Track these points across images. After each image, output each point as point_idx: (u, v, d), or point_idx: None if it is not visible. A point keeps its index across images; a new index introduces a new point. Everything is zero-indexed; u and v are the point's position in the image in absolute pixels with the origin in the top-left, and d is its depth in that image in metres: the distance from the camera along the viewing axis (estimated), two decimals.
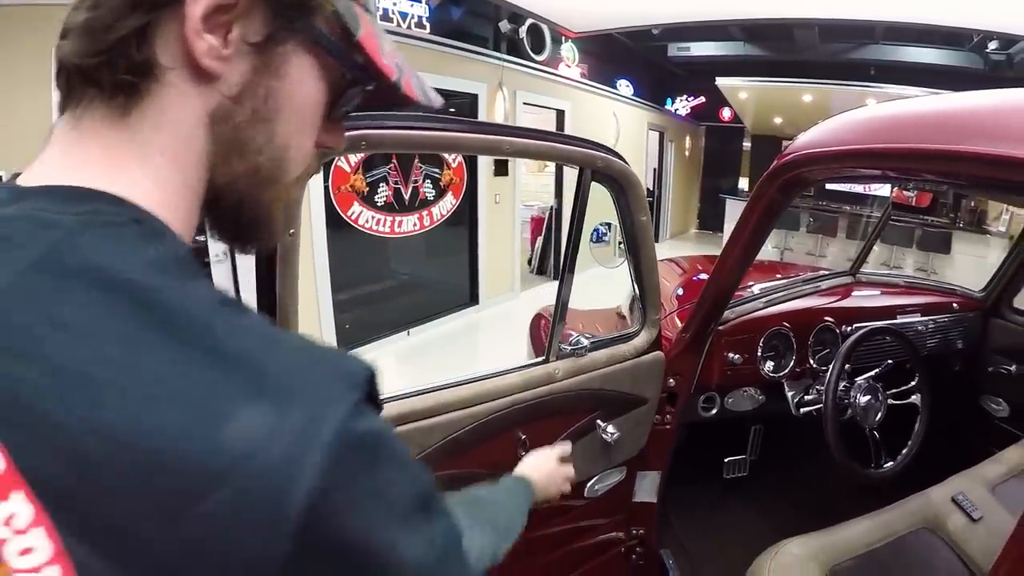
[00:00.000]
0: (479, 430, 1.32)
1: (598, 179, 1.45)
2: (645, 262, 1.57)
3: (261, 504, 0.30)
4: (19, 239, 0.33)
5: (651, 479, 1.81)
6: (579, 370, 1.49)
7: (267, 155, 0.44)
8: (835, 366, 1.73)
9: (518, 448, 1.40)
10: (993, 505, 1.68)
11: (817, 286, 2.29)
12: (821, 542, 1.49)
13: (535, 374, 1.43)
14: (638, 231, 1.53)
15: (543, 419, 1.44)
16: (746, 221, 1.48)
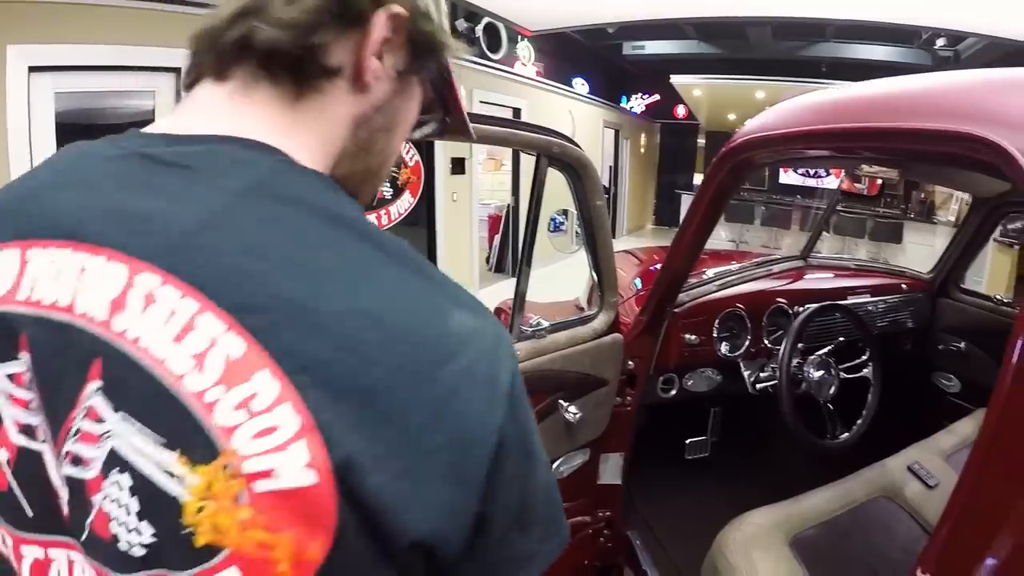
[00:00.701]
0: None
1: (555, 165, 1.46)
2: (602, 246, 1.58)
3: (483, 374, 0.39)
4: (220, 170, 0.40)
5: (615, 461, 1.81)
6: (540, 351, 1.48)
7: (380, 158, 0.53)
8: (787, 341, 1.76)
9: None
10: (948, 473, 1.72)
11: (769, 270, 2.33)
12: (783, 512, 1.50)
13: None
14: (594, 216, 1.54)
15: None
16: (697, 205, 1.51)
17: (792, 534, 1.45)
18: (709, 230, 1.57)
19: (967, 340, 2.35)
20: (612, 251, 1.61)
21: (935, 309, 2.50)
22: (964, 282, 2.53)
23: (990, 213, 2.32)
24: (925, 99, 0.92)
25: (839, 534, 1.49)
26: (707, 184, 1.46)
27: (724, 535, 1.46)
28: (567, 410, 1.52)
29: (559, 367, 1.51)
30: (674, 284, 1.69)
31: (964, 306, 2.43)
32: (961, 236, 2.43)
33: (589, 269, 1.63)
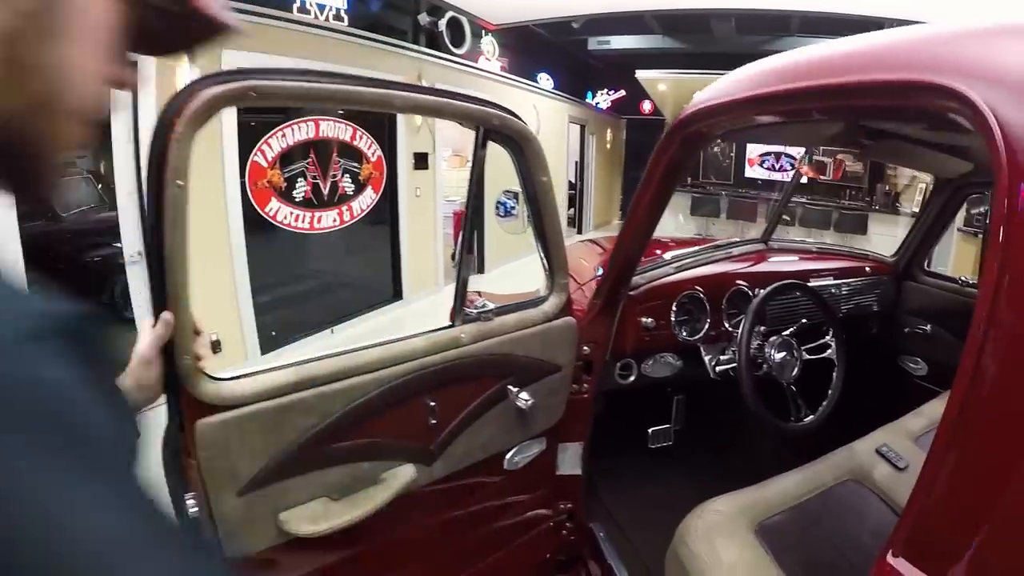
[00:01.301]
0: (386, 396, 1.23)
1: (495, 139, 1.37)
2: (549, 224, 1.49)
3: None
4: None
5: (573, 451, 1.73)
6: (486, 334, 1.40)
7: (50, 78, 0.35)
8: (746, 321, 1.70)
9: (428, 416, 1.31)
10: (917, 455, 1.66)
11: (729, 252, 2.27)
12: (748, 498, 1.42)
13: (441, 338, 1.33)
14: (539, 192, 1.45)
15: (452, 385, 1.35)
16: (649, 181, 1.43)
17: (757, 520, 1.37)
18: (661, 208, 1.50)
19: (933, 322, 2.33)
20: (560, 229, 1.52)
21: (900, 292, 2.47)
22: (929, 264, 2.50)
23: (953, 194, 2.29)
24: (885, 51, 0.86)
25: (807, 519, 1.42)
26: (658, 158, 1.38)
27: (686, 523, 1.38)
28: (518, 397, 1.43)
29: (507, 351, 1.43)
30: (627, 265, 1.62)
31: (929, 288, 2.40)
32: (925, 218, 2.40)
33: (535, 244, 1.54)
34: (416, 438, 1.31)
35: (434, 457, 1.35)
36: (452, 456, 1.39)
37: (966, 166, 2.02)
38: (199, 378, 1.01)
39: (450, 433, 1.37)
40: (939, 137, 1.74)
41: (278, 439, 1.09)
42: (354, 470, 1.21)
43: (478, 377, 1.39)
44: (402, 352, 1.26)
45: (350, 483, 1.21)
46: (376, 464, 1.25)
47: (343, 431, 1.17)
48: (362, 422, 1.20)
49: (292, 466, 1.11)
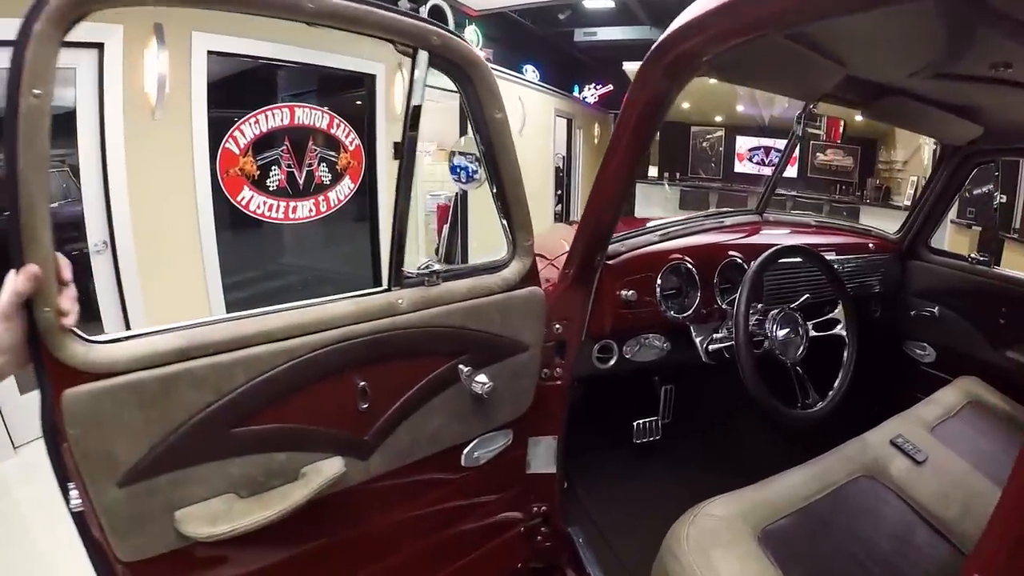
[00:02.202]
0: (301, 371, 1.01)
1: (436, 65, 1.12)
2: (506, 171, 1.24)
3: None
4: None
5: (546, 445, 1.51)
6: (430, 302, 1.17)
7: None
8: (744, 289, 1.46)
9: (358, 399, 1.09)
10: (936, 446, 1.48)
11: (720, 222, 2.05)
12: (748, 500, 1.21)
13: (372, 303, 1.10)
14: (493, 132, 1.20)
15: (387, 361, 1.12)
16: (625, 123, 1.20)
17: (760, 526, 1.16)
18: (640, 154, 1.27)
19: (941, 304, 2.17)
20: (520, 177, 1.27)
21: (904, 272, 2.30)
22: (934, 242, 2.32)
23: (961, 163, 2.11)
24: None
25: (817, 523, 1.21)
26: (637, 92, 1.15)
27: (675, 531, 1.17)
28: (473, 379, 1.21)
29: (457, 323, 1.20)
30: (603, 227, 1.38)
31: (936, 267, 2.23)
32: (930, 191, 2.21)
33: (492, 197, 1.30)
34: (344, 425, 1.09)
35: (370, 449, 1.13)
36: (394, 449, 1.17)
37: (975, 130, 1.84)
38: (64, 337, 0.81)
39: (389, 421, 1.14)
40: (948, 94, 1.56)
41: (164, 418, 0.90)
42: (266, 462, 1.01)
43: (421, 353, 1.17)
44: (320, 318, 1.04)
45: (262, 478, 1.01)
46: (293, 456, 1.04)
47: (247, 412, 0.97)
48: (272, 403, 0.99)
49: (186, 453, 0.92)
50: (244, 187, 4.28)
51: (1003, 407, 1.75)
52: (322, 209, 4.93)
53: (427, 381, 1.17)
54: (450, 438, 1.27)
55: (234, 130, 4.15)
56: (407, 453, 1.20)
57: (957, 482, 1.36)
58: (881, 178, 8.75)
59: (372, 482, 1.16)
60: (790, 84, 1.55)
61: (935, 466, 1.40)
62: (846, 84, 1.57)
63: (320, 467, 1.05)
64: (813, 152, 9.43)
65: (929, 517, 1.28)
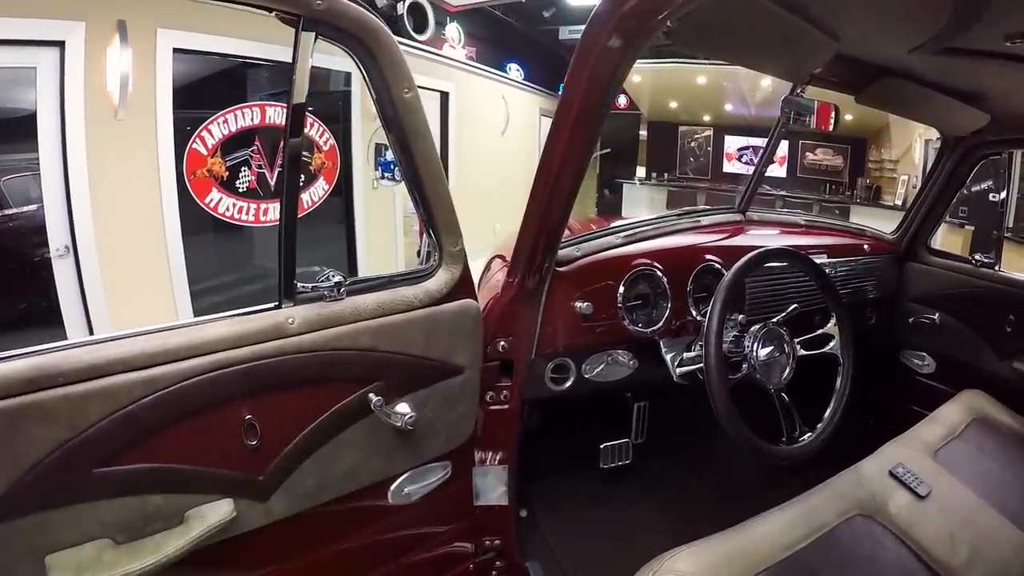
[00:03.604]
0: (168, 404, 0.86)
1: (327, 37, 0.92)
2: (423, 164, 1.04)
3: None
4: None
5: (495, 475, 1.32)
6: (330, 321, 0.99)
7: None
8: (716, 302, 1.25)
9: (244, 434, 0.91)
10: (939, 475, 1.29)
11: (696, 221, 1.85)
12: (721, 551, 1.01)
13: (254, 325, 0.92)
14: (404, 115, 1.00)
15: (277, 391, 0.94)
16: (571, 97, 0.99)
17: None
18: (591, 135, 1.05)
19: (942, 310, 2.01)
20: (441, 172, 1.07)
21: (902, 275, 2.13)
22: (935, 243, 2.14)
23: (965, 155, 1.93)
24: None
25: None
26: (582, 59, 0.94)
27: None
28: (392, 410, 1.01)
29: (366, 345, 1.01)
30: (550, 227, 1.17)
31: (936, 270, 2.06)
32: (930, 187, 2.03)
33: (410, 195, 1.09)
34: (232, 464, 0.92)
35: (268, 490, 0.96)
36: (299, 489, 1.00)
37: (980, 119, 1.67)
38: None
39: (288, 458, 0.97)
40: (951, 75, 1.38)
41: (15, 456, 0.78)
42: (141, 505, 0.87)
43: (320, 381, 0.98)
44: (189, 343, 0.87)
45: (139, 523, 0.87)
46: (174, 498, 0.89)
47: (110, 451, 0.84)
48: (138, 440, 0.85)
49: (46, 494, 0.81)
50: (212, 189, 4.15)
51: (1011, 424, 1.58)
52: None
53: (331, 414, 0.99)
54: (370, 475, 1.08)
55: (202, 130, 4.03)
56: (316, 493, 1.03)
57: (965, 519, 1.18)
58: (871, 177, 8.65)
59: (277, 526, 1.00)
60: (773, 60, 1.36)
61: (940, 500, 1.21)
62: (838, 64, 1.40)
63: (204, 512, 0.90)
64: (803, 152, 9.32)
65: (933, 563, 1.09)
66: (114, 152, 3.32)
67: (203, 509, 0.90)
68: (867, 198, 8.35)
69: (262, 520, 0.97)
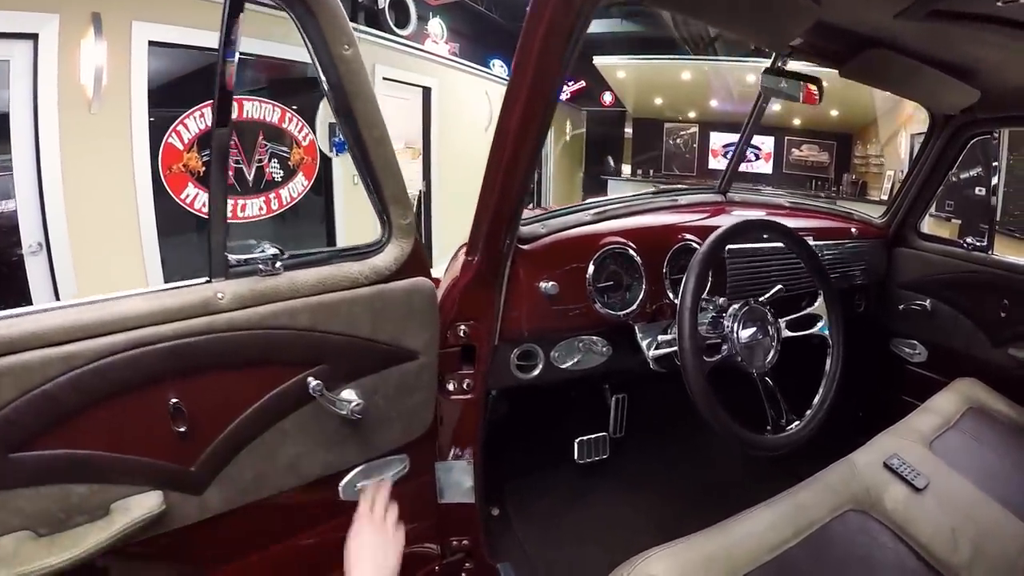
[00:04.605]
0: (86, 383, 0.78)
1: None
2: (367, 128, 0.95)
3: None
4: None
5: (460, 470, 1.22)
6: (264, 297, 0.89)
7: None
8: (691, 276, 1.14)
9: (171, 420, 0.84)
10: (937, 467, 1.21)
11: (674, 200, 1.75)
12: (701, 551, 0.91)
13: (179, 299, 0.83)
14: (344, 74, 0.91)
15: (207, 372, 0.86)
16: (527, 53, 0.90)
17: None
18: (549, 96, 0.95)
19: (933, 297, 1.94)
20: (385, 134, 0.97)
21: (891, 260, 2.05)
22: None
23: (954, 135, 1.85)
24: None
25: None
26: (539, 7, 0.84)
27: None
28: (337, 397, 0.91)
29: (305, 325, 0.91)
30: (509, 200, 1.08)
31: (927, 255, 1.99)
32: (919, 168, 1.95)
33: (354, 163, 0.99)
34: (159, 453, 0.84)
35: (202, 483, 0.88)
36: (237, 482, 0.91)
37: (971, 95, 1.58)
38: None
39: (222, 448, 0.88)
40: (940, 45, 1.30)
41: None
42: (62, 495, 0.80)
43: (254, 363, 0.89)
44: (107, 317, 0.78)
45: (61, 514, 0.81)
46: (98, 488, 0.82)
47: (26, 434, 0.77)
48: (56, 423, 0.78)
49: None
50: (188, 184, 4.07)
51: (1007, 412, 1.50)
52: (273, 207, 4.72)
53: (268, 399, 0.90)
54: (316, 468, 0.99)
55: (177, 124, 3.95)
56: (256, 487, 0.94)
57: (965, 514, 1.10)
58: (857, 173, 8.68)
59: (215, 522, 0.91)
60: (750, 26, 1.26)
61: (938, 493, 1.12)
62: (820, 33, 1.31)
63: (130, 504, 0.83)
64: (788, 148, 9.33)
65: (934, 561, 1.01)
66: (88, 147, 3.27)
67: (130, 501, 0.83)
68: (853, 193, 8.37)
69: (197, 515, 0.89)
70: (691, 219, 1.61)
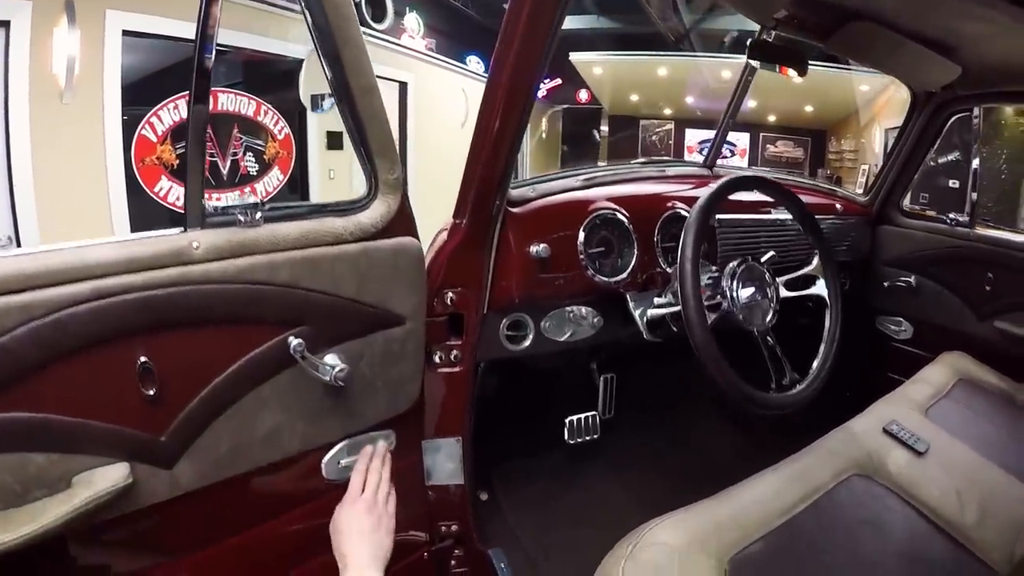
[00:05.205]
0: (47, 336, 0.70)
1: None
2: (353, 72, 0.89)
3: None
4: None
5: (448, 450, 1.17)
6: (243, 248, 0.82)
7: None
8: (690, 230, 1.10)
9: (139, 381, 0.75)
10: (936, 432, 1.20)
11: (662, 171, 1.72)
12: (708, 519, 0.88)
13: (155, 247, 0.76)
14: (332, 17, 0.84)
15: (182, 328, 0.78)
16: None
17: (727, 555, 0.83)
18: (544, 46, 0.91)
19: (918, 273, 1.93)
20: (374, 84, 0.91)
21: (875, 238, 2.04)
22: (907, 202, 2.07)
23: (935, 112, 1.85)
24: None
25: (804, 543, 0.89)
26: None
27: (607, 570, 0.83)
28: (320, 361, 0.86)
29: (286, 280, 0.85)
30: (498, 160, 1.03)
31: (911, 232, 1.98)
32: (901, 146, 1.95)
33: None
34: (126, 419, 0.76)
35: (173, 454, 0.80)
36: (211, 455, 0.83)
37: (952, 72, 1.58)
38: None
39: (195, 415, 0.80)
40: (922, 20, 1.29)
41: None
42: (19, 464, 0.71)
43: (232, 321, 0.82)
44: (73, 264, 0.71)
45: (18, 486, 0.71)
46: (58, 459, 0.73)
47: None
48: (12, 380, 0.69)
49: None
50: (162, 177, 3.98)
51: (997, 383, 1.50)
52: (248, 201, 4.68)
53: (246, 362, 0.82)
54: (297, 441, 0.91)
55: (151, 116, 3.85)
56: (232, 461, 0.86)
57: (969, 477, 1.08)
58: (832, 168, 8.78)
59: (187, 501, 0.83)
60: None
61: (940, 458, 1.11)
62: (805, 5, 1.31)
63: (93, 477, 0.73)
64: (763, 144, 9.42)
65: (943, 523, 0.99)
66: (59, 138, 3.18)
67: (94, 474, 0.74)
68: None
69: (167, 492, 0.81)
70: (679, 189, 1.58)
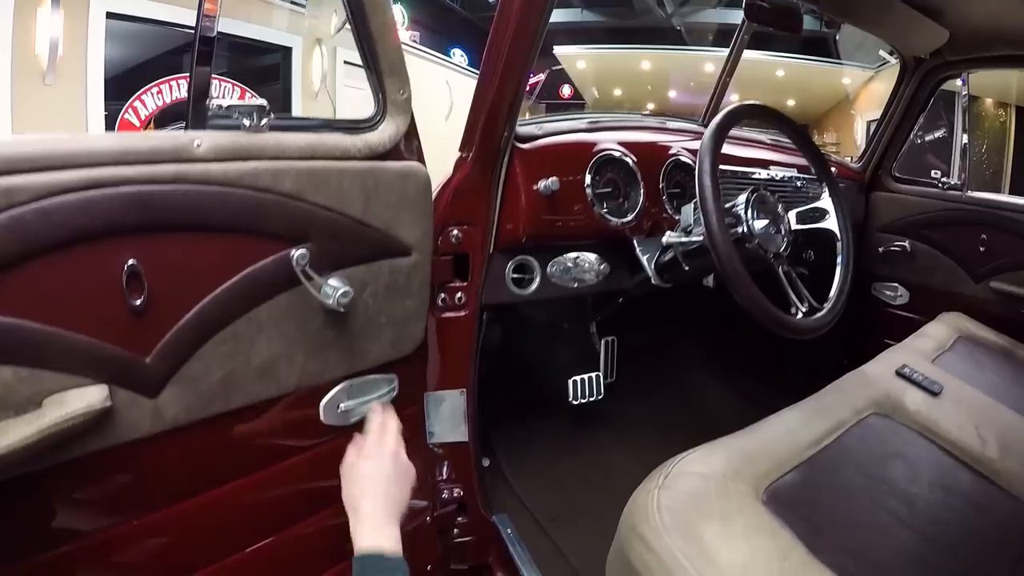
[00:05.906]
0: (30, 225, 0.61)
1: None
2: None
3: None
4: None
5: (452, 403, 1.12)
6: (248, 152, 0.75)
7: None
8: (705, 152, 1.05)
9: (125, 288, 0.66)
10: (946, 377, 1.20)
11: (663, 123, 1.70)
12: (740, 450, 0.85)
13: (156, 142, 0.69)
14: None
15: (176, 232, 0.70)
16: None
17: (763, 485, 0.81)
18: None
19: (912, 238, 1.94)
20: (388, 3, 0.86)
21: (868, 205, 2.04)
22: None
23: (924, 78, 1.86)
24: None
25: (835, 475, 0.87)
26: None
27: (639, 502, 0.79)
28: (326, 283, 0.80)
29: (290, 190, 0.78)
30: (507, 89, 0.99)
31: (904, 196, 1.98)
32: (891, 113, 1.96)
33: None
34: (108, 333, 0.67)
35: (158, 380, 0.71)
36: (199, 383, 0.74)
37: (940, 36, 1.59)
38: None
39: (184, 333, 0.72)
40: None
41: None
42: None
43: (231, 229, 0.75)
44: (63, 151, 0.63)
45: None
46: (28, 374, 0.62)
47: None
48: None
49: None
50: None
51: (997, 341, 1.51)
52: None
53: (244, 277, 0.75)
54: (295, 375, 0.83)
55: (134, 100, 3.91)
56: (223, 393, 0.77)
57: (985, 415, 1.07)
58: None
59: (173, 438, 0.74)
60: None
61: (954, 398, 1.10)
62: None
63: (65, 398, 0.64)
64: None
65: (966, 457, 0.98)
66: (40, 118, 3.17)
67: (68, 394, 0.64)
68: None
69: (149, 425, 0.71)
70: (680, 139, 1.55)
